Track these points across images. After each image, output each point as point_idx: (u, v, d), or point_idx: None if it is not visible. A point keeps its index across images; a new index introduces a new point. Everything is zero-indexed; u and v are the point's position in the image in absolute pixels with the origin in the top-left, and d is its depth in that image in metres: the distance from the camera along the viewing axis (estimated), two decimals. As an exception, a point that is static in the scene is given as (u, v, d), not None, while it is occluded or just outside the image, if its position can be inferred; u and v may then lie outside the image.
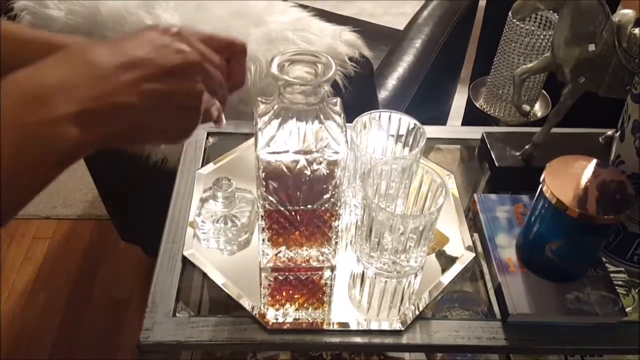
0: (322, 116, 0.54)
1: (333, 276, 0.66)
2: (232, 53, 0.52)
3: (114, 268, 1.62)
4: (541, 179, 0.60)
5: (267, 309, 0.61)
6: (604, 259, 0.66)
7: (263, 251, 0.63)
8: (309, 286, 0.64)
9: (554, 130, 0.75)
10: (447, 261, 0.68)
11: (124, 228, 1.49)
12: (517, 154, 0.79)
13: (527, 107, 0.88)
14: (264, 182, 0.56)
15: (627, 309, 0.62)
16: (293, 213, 0.59)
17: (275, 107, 0.54)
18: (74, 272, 1.61)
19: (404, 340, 0.60)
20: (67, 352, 1.44)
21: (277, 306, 0.62)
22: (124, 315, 1.50)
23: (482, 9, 1.45)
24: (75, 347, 1.45)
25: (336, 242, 0.64)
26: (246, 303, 0.62)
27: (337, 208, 0.59)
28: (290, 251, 0.63)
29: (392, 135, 0.68)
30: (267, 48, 0.85)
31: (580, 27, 0.66)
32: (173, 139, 0.47)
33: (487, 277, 0.67)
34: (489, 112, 0.96)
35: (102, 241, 1.67)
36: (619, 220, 0.60)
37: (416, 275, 0.65)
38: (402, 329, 0.60)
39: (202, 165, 0.78)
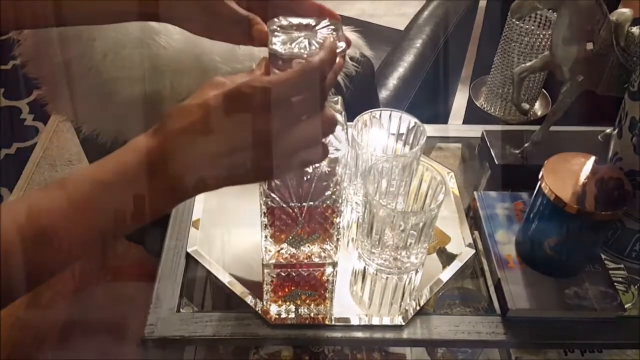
0: (323, 114, 0.55)
1: (335, 272, 0.66)
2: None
3: (117, 267, 1.62)
4: (540, 176, 0.61)
5: (270, 304, 0.62)
6: (602, 256, 0.67)
7: (265, 248, 0.64)
8: (311, 282, 0.65)
9: (553, 128, 0.76)
10: (447, 258, 0.69)
11: (127, 228, 1.49)
12: (517, 152, 0.79)
13: (526, 106, 0.89)
14: (266, 180, 0.57)
15: (626, 305, 0.63)
16: (295, 210, 0.60)
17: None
18: (77, 271, 1.61)
19: (405, 335, 0.60)
20: (70, 351, 1.45)
21: (279, 302, 0.63)
22: (126, 316, 1.51)
23: (482, 9, 1.46)
24: (77, 347, 1.46)
25: (338, 239, 0.64)
26: (249, 299, 0.63)
27: (338, 205, 0.60)
28: (292, 248, 0.64)
29: (393, 134, 0.69)
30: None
31: (579, 26, 0.66)
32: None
33: (488, 274, 0.68)
34: (489, 111, 0.96)
35: (105, 241, 1.67)
36: (617, 217, 0.61)
37: (417, 271, 0.66)
38: (403, 324, 0.61)
39: (205, 164, 0.78)
